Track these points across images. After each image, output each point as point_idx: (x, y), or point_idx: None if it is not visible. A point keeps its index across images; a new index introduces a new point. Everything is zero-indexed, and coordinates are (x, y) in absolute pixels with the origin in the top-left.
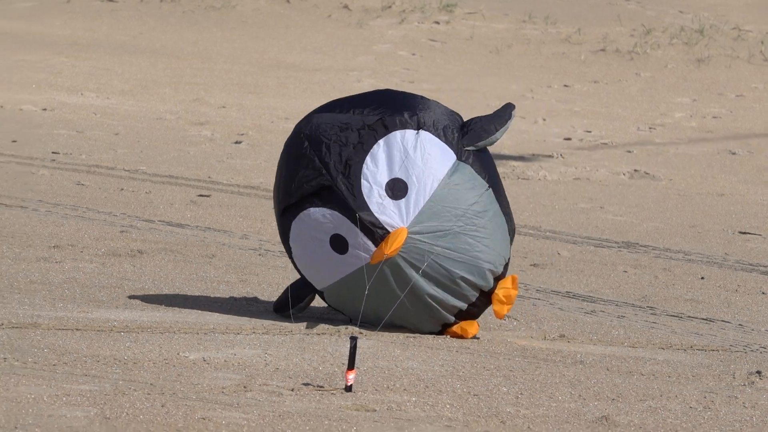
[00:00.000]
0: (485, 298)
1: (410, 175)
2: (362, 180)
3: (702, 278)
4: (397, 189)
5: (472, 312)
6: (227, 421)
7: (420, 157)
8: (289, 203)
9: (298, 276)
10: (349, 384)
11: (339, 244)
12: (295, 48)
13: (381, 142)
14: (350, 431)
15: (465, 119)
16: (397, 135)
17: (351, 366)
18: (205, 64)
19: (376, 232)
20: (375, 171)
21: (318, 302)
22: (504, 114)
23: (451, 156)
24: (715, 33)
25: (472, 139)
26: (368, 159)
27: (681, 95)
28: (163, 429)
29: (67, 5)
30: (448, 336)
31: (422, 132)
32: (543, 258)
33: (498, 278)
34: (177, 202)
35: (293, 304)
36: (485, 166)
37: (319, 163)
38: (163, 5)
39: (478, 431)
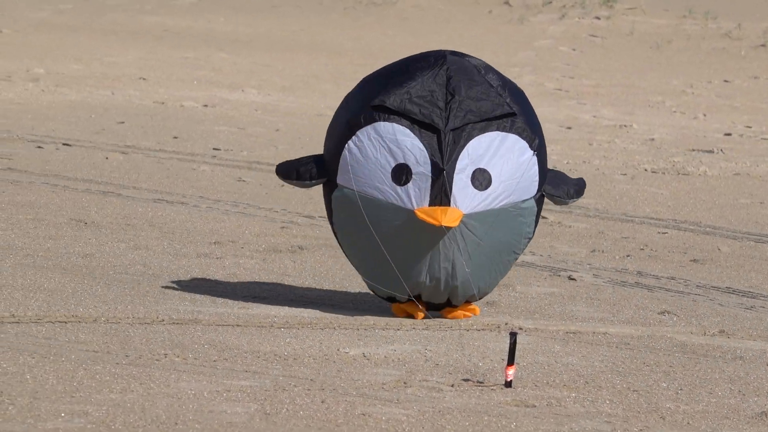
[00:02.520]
0: (445, 304)
1: (501, 181)
2: (464, 151)
3: None
4: (483, 180)
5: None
6: (387, 417)
7: (521, 175)
8: (384, 103)
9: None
10: (508, 380)
11: (400, 174)
12: (456, 44)
13: (501, 135)
14: (510, 426)
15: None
16: (516, 140)
17: (511, 362)
18: (365, 60)
19: (441, 197)
20: (479, 154)
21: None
22: (581, 187)
23: (534, 190)
24: None
25: (554, 189)
26: (484, 138)
27: None
28: (323, 424)
29: (229, 1)
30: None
31: (534, 156)
32: (703, 253)
33: (468, 301)
34: None
35: (300, 176)
36: (540, 214)
37: (443, 102)
38: (324, 1)
39: (637, 427)
